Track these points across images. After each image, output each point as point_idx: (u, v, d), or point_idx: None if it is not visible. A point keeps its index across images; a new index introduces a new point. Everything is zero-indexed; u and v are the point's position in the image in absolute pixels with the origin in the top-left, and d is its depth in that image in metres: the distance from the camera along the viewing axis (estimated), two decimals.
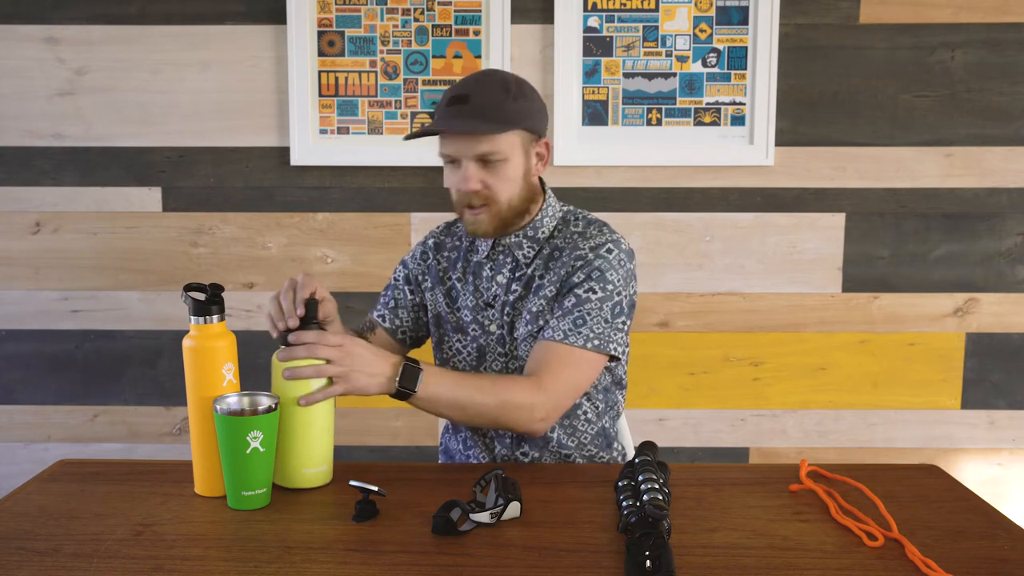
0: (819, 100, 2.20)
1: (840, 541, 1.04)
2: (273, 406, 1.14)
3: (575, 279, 1.35)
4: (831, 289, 2.27)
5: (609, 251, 1.37)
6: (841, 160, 2.22)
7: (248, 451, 1.10)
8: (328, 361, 1.18)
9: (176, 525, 1.08)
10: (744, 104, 2.19)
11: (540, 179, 1.45)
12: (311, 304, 1.21)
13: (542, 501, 1.15)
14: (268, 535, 1.05)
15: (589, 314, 1.33)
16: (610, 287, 1.35)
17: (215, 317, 1.17)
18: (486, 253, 1.44)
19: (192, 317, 1.17)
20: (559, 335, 1.32)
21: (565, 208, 1.47)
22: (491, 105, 1.31)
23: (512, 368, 1.42)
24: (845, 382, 2.30)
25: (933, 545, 1.02)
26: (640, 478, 1.07)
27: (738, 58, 2.18)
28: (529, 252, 1.41)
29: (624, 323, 1.38)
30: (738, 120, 2.19)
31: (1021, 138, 2.21)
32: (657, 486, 1.04)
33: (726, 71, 2.19)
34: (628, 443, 1.57)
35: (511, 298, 1.41)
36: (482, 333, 1.43)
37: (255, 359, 1.75)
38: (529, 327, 1.38)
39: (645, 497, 1.02)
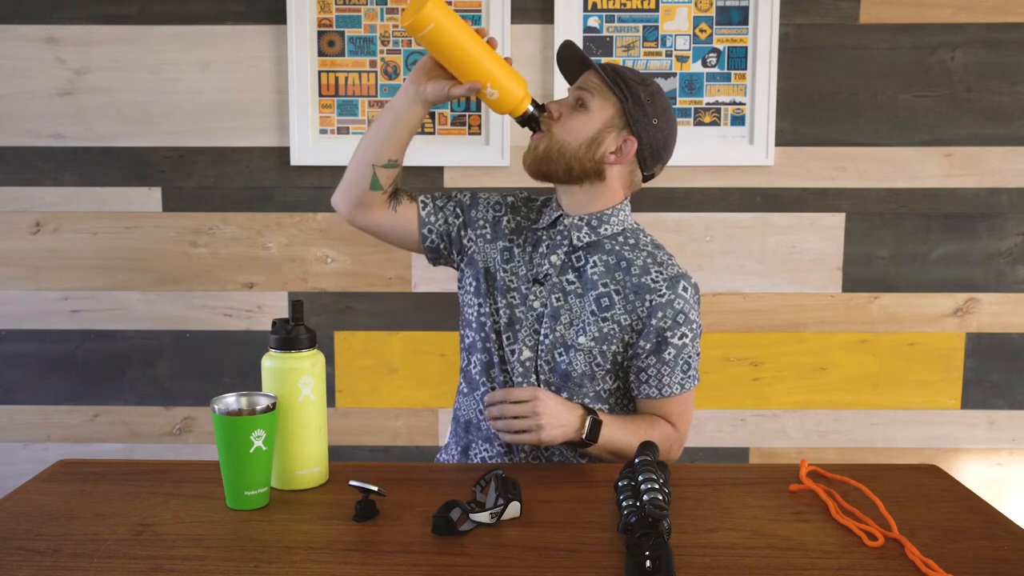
0: (819, 100, 2.20)
1: (840, 541, 1.04)
2: (272, 405, 1.14)
3: (663, 325, 1.38)
4: (831, 289, 2.27)
5: (685, 289, 1.40)
6: (841, 160, 2.22)
7: (252, 450, 1.10)
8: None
9: (176, 525, 1.08)
10: (744, 104, 2.19)
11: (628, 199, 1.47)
12: (297, 306, 1.21)
13: (542, 501, 1.15)
14: (268, 535, 1.05)
15: (690, 357, 1.42)
16: (694, 325, 1.41)
17: (531, 109, 1.36)
18: (545, 226, 1.45)
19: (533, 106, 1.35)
20: (677, 389, 1.42)
21: (636, 224, 1.48)
22: (618, 70, 1.39)
23: (541, 351, 1.41)
24: (845, 382, 2.30)
25: (933, 545, 1.02)
26: (640, 478, 1.07)
27: (738, 58, 2.18)
28: (584, 237, 1.42)
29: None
30: (738, 120, 2.19)
31: (1021, 138, 2.21)
32: (657, 486, 1.04)
33: (726, 71, 2.19)
34: None
35: (565, 286, 1.41)
36: (520, 304, 1.43)
37: (256, 359, 1.75)
38: (593, 344, 1.39)
39: (645, 497, 1.02)
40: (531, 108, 1.36)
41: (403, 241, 1.52)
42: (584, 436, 1.33)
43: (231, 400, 1.16)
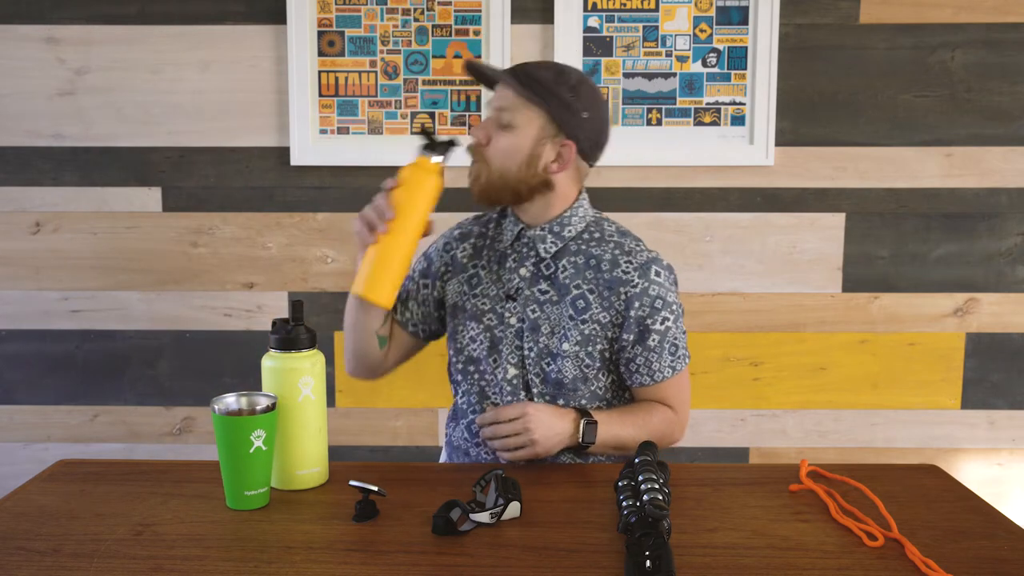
0: (819, 100, 2.20)
1: (840, 541, 1.04)
2: (272, 405, 1.14)
3: (642, 313, 1.37)
4: (831, 289, 2.27)
5: (658, 274, 1.38)
6: (841, 160, 2.22)
7: (251, 450, 1.10)
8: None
9: (176, 525, 1.08)
10: (744, 104, 2.19)
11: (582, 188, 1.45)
12: (297, 306, 1.21)
13: (542, 501, 1.15)
14: (268, 535, 1.05)
15: (676, 339, 1.41)
16: (674, 306, 1.40)
17: (441, 158, 1.28)
18: (510, 243, 1.44)
19: (423, 150, 1.28)
20: (668, 372, 1.41)
21: (597, 213, 1.47)
22: (532, 75, 1.34)
23: (527, 365, 1.40)
24: (845, 382, 2.30)
25: (933, 545, 1.02)
26: (640, 478, 1.07)
27: (738, 58, 2.18)
28: (551, 247, 1.40)
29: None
30: (738, 120, 2.19)
31: (1021, 138, 2.21)
32: (657, 486, 1.04)
33: (726, 71, 2.19)
34: None
35: (539, 297, 1.40)
36: (499, 324, 1.42)
37: (256, 359, 1.75)
38: (578, 348, 1.37)
39: (645, 497, 1.02)
40: (440, 160, 1.29)
41: (412, 351, 1.56)
42: (581, 440, 1.33)
43: (231, 400, 1.16)
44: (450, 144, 1.30)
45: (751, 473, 1.29)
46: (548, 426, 1.30)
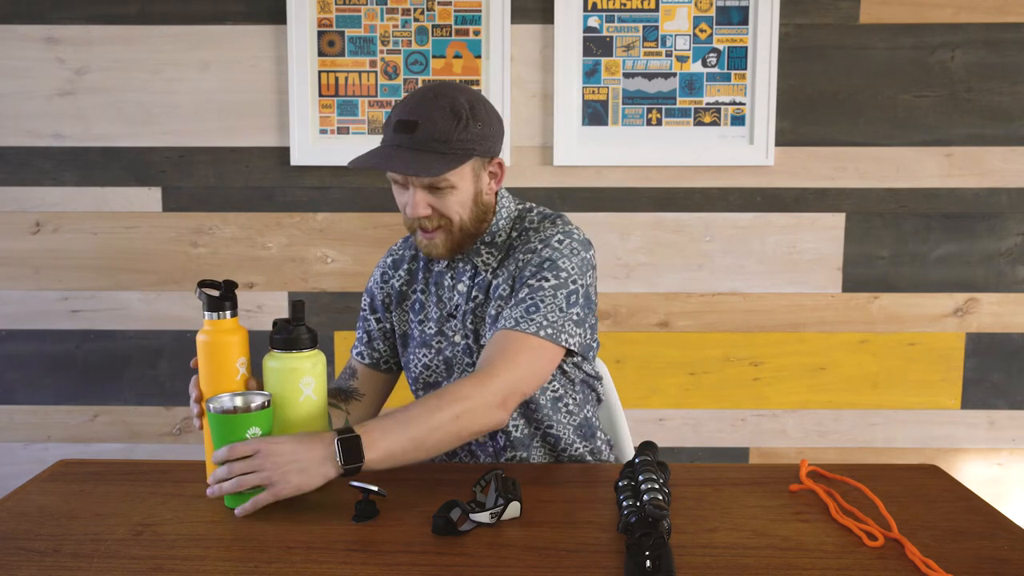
0: (819, 100, 2.20)
1: (840, 541, 1.04)
2: (266, 403, 1.14)
3: (527, 272, 1.33)
4: (831, 289, 2.27)
5: (560, 241, 1.35)
6: (841, 160, 2.22)
7: None
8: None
9: (176, 525, 1.08)
10: (744, 104, 2.19)
11: None
12: (298, 306, 1.21)
13: (542, 501, 1.15)
14: (268, 535, 1.05)
15: (542, 301, 1.29)
16: (563, 275, 1.32)
17: (228, 312, 1.18)
18: (446, 262, 1.42)
19: (206, 313, 1.18)
20: (510, 323, 1.28)
21: (520, 206, 1.44)
22: (439, 137, 1.25)
23: None
24: (845, 382, 2.30)
25: (933, 545, 1.02)
26: (640, 478, 1.07)
27: (738, 58, 2.18)
28: (489, 258, 1.39)
29: (579, 315, 1.32)
30: (738, 120, 2.19)
31: (1021, 138, 2.21)
32: (657, 486, 1.04)
33: (726, 71, 2.19)
34: (625, 437, 1.57)
35: (471, 306, 1.39)
36: (448, 345, 1.41)
37: (255, 359, 1.74)
38: (492, 332, 1.34)
39: (645, 497, 1.02)
40: (228, 314, 1.18)
41: (390, 387, 1.53)
42: (343, 461, 1.08)
43: (226, 399, 1.16)
44: (232, 286, 1.20)
45: (751, 473, 1.29)
46: (288, 456, 1.08)
